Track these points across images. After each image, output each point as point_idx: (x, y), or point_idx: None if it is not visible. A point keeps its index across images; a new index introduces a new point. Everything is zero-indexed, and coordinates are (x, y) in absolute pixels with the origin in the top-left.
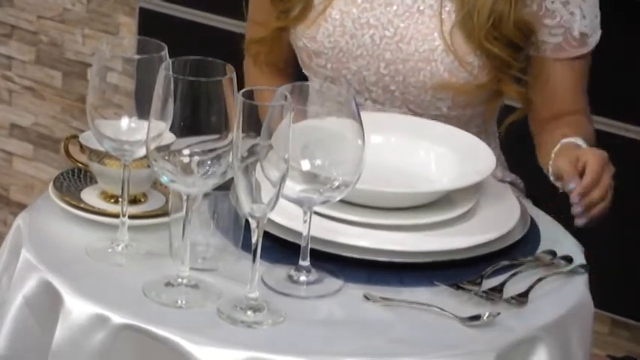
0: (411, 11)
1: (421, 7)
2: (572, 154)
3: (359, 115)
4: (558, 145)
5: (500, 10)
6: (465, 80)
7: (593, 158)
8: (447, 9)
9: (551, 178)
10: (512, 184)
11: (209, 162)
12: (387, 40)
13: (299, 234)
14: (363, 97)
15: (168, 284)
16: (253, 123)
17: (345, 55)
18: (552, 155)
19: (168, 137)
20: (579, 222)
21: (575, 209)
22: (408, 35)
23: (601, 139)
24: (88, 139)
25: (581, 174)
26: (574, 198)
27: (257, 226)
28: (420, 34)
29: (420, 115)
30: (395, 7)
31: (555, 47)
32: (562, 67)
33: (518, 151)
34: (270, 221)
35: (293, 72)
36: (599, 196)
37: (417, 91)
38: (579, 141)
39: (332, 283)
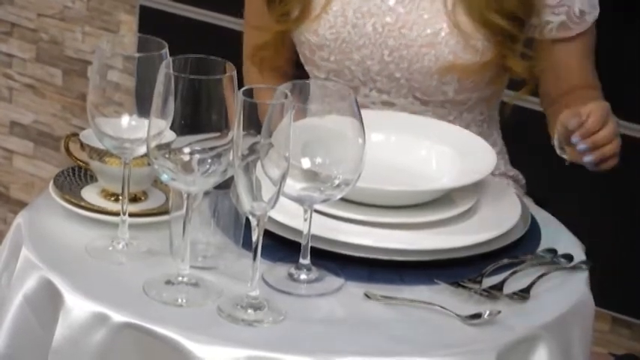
0: None
1: None
2: (574, 109)
3: (359, 113)
4: (564, 112)
5: None
6: (470, 60)
7: (596, 106)
8: None
9: (557, 151)
10: (513, 179)
11: (209, 160)
12: (390, 27)
13: (299, 232)
14: (368, 87)
15: (168, 283)
16: (254, 121)
17: (348, 45)
18: (558, 122)
19: (169, 135)
20: (587, 159)
21: (580, 146)
22: (410, 21)
23: None
24: (88, 137)
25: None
26: (575, 138)
27: (257, 225)
28: (421, 18)
29: (427, 103)
30: None
31: (560, 26)
32: (567, 48)
33: (519, 149)
34: (271, 219)
35: (295, 73)
36: (605, 137)
37: (422, 77)
38: None
39: (332, 281)
